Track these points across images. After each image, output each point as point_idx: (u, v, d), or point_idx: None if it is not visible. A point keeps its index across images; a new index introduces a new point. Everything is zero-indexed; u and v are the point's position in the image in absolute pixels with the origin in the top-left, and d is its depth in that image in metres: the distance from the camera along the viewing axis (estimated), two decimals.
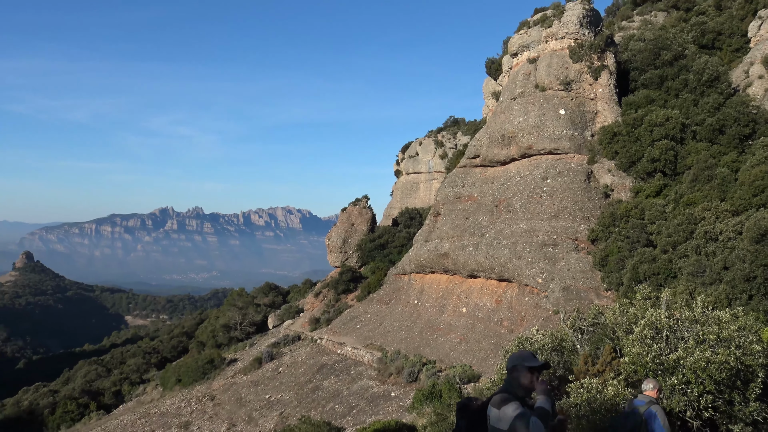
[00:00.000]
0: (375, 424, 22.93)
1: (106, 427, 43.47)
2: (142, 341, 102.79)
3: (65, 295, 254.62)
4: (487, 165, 41.16)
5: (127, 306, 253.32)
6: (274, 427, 32.81)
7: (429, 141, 71.67)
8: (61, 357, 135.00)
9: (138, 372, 67.22)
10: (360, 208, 61.29)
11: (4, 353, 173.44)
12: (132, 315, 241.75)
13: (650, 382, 9.91)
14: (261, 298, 72.02)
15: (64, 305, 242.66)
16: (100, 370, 76.53)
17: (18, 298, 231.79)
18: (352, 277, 54.72)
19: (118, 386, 61.73)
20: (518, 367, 6.77)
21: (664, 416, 9.47)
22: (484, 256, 35.04)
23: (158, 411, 42.57)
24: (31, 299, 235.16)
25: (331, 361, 40.40)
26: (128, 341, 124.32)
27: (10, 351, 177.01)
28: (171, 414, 41.16)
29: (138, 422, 41.44)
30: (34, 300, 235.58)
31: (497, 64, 51.06)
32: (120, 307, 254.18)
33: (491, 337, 32.69)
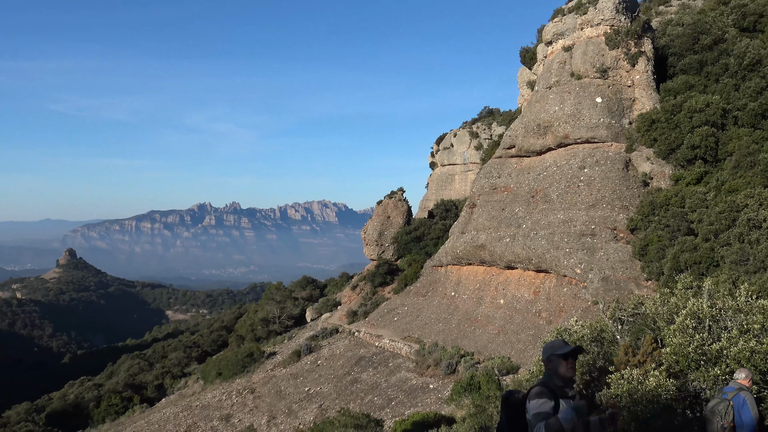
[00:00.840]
0: (414, 416, 22.96)
1: (149, 420, 44.22)
2: (183, 335, 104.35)
3: (107, 291, 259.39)
4: (522, 155, 40.82)
5: (167, 301, 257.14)
6: (313, 420, 33.05)
7: (464, 132, 71.33)
8: (104, 351, 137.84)
9: (179, 366, 68.26)
10: (395, 201, 61.28)
11: (50, 348, 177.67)
12: (172, 310, 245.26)
13: (743, 372, 9.83)
14: (298, 292, 72.55)
15: (107, 301, 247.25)
16: (143, 364, 77.89)
17: (62, 294, 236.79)
18: (389, 269, 54.77)
19: (160, 380, 62.75)
20: (552, 357, 6.74)
21: (753, 403, 9.36)
22: (521, 247, 34.79)
23: (200, 404, 43.18)
24: (74, 295, 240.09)
25: (369, 354, 40.54)
26: (169, 336, 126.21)
27: (56, 346, 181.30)
28: (212, 407, 41.72)
29: (180, 415, 42.09)
30: (77, 296, 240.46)
31: (532, 53, 50.53)
32: (161, 302, 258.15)
33: (529, 328, 32.48)
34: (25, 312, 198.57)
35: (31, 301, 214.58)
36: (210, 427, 38.39)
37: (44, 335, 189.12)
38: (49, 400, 71.81)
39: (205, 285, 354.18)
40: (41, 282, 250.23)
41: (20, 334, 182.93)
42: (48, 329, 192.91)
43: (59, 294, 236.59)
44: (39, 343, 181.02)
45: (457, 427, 17.76)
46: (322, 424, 25.12)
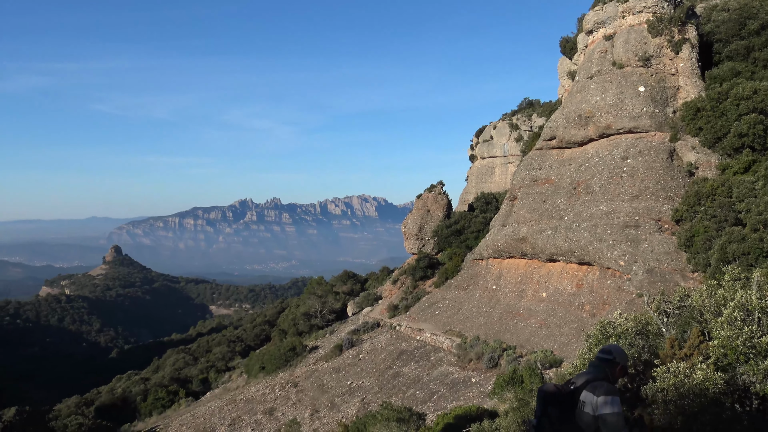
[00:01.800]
0: (456, 410, 22.90)
1: (195, 413, 44.90)
2: (227, 330, 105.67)
3: (152, 286, 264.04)
4: (564, 146, 40.33)
5: (211, 296, 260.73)
6: (356, 413, 33.20)
7: (503, 124, 70.76)
8: (150, 346, 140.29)
9: (223, 360, 69.18)
10: (435, 194, 61.11)
11: (98, 343, 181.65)
12: (216, 305, 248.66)
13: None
14: (340, 286, 72.92)
15: (152, 296, 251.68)
16: (188, 359, 79.14)
17: (109, 290, 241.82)
18: (429, 263, 54.68)
19: (204, 374, 63.68)
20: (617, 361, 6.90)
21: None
22: (563, 239, 34.42)
23: (244, 397, 43.70)
24: (121, 291, 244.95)
25: (410, 348, 40.55)
26: (213, 330, 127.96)
27: (104, 341, 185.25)
28: (256, 400, 42.19)
29: (225, 408, 42.65)
30: (123, 292, 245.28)
31: (572, 42, 49.81)
32: (204, 297, 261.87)
33: (572, 321, 32.12)
34: (74, 308, 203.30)
35: (80, 297, 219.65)
36: (254, 420, 38.83)
37: (92, 330, 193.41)
38: (98, 394, 73.40)
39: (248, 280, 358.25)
40: (89, 278, 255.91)
41: (69, 330, 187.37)
42: (96, 324, 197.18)
43: (106, 290, 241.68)
44: (87, 338, 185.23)
45: (500, 420, 17.65)
46: (364, 417, 25.21)
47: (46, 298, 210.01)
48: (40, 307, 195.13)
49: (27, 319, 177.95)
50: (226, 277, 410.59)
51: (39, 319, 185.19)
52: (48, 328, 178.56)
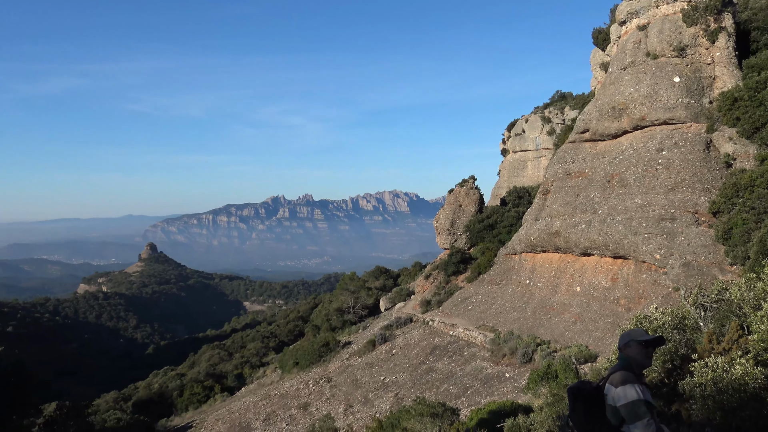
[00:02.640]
0: (490, 405, 22.81)
1: (230, 408, 45.36)
2: (260, 326, 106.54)
3: (187, 283, 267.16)
4: (597, 139, 39.86)
5: (245, 292, 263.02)
6: (390, 408, 33.25)
7: (535, 117, 70.18)
8: (186, 342, 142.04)
9: (258, 355, 69.75)
10: (467, 189, 60.86)
11: (135, 339, 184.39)
12: (250, 301, 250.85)
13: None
14: (372, 282, 73.02)
15: (187, 293, 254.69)
16: (223, 354, 79.93)
17: (145, 287, 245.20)
18: (462, 258, 54.50)
19: (239, 369, 64.25)
20: (630, 343, 6.59)
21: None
22: (597, 233, 34.05)
23: (278, 393, 44.03)
24: (156, 288, 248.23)
25: (443, 343, 40.49)
26: (247, 326, 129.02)
27: (140, 337, 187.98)
28: (290, 395, 42.47)
29: (260, 403, 43.01)
30: (159, 289, 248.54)
31: (604, 33, 49.18)
32: (238, 293, 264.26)
33: (607, 316, 31.78)
34: (111, 305, 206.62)
35: (116, 294, 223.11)
36: (288, 415, 39.10)
37: (129, 327, 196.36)
38: (136, 389, 74.54)
39: (281, 276, 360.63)
40: (125, 276, 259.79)
41: (107, 326, 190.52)
42: (132, 321, 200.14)
43: (142, 287, 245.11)
44: (124, 335, 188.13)
45: (535, 416, 17.54)
46: (398, 412, 25.22)
47: (84, 295, 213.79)
48: (79, 304, 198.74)
49: (66, 316, 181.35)
50: (260, 273, 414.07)
51: (77, 316, 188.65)
52: (86, 325, 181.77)
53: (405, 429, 22.21)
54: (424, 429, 21.25)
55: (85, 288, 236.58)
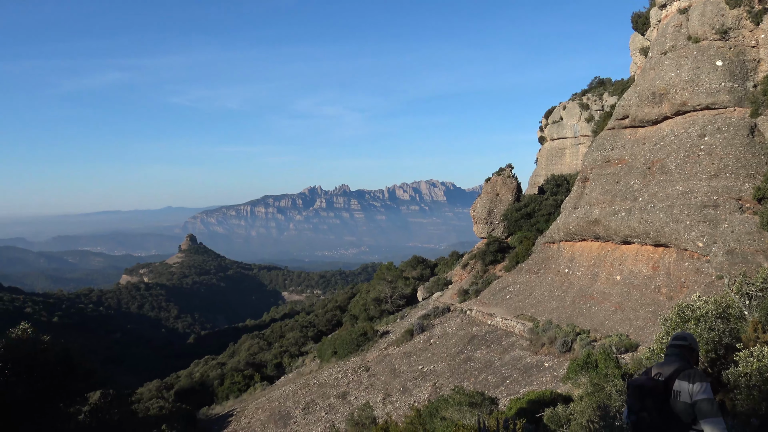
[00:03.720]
0: (529, 395, 22.69)
1: (270, 397, 45.89)
2: (299, 316, 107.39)
3: (227, 273, 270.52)
4: (637, 125, 39.20)
5: (283, 282, 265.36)
6: (428, 397, 33.29)
7: (573, 104, 69.28)
8: (226, 332, 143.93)
9: (296, 345, 70.33)
10: (504, 178, 60.42)
11: (176, 329, 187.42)
12: (288, 291, 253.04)
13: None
14: (409, 272, 73.04)
15: (226, 283, 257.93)
16: (262, 344, 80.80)
17: (185, 278, 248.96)
18: (499, 247, 54.20)
19: (278, 359, 64.90)
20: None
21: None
22: (637, 221, 33.53)
23: (317, 382, 44.39)
24: (196, 279, 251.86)
25: (481, 332, 40.37)
26: (286, 316, 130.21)
27: (181, 327, 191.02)
28: (329, 384, 42.80)
29: (299, 392, 43.44)
30: (199, 279, 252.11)
31: (644, 18, 48.25)
32: (277, 283, 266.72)
33: (648, 304, 31.33)
34: (153, 295, 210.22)
35: (158, 284, 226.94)
36: (327, 404, 39.43)
37: (170, 317, 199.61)
38: (177, 378, 75.79)
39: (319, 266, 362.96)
40: (165, 267, 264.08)
41: (148, 316, 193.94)
42: (173, 311, 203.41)
43: (182, 278, 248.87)
44: (166, 324, 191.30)
45: (575, 405, 17.39)
46: (436, 401, 25.22)
47: (126, 286, 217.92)
48: (121, 295, 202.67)
49: (109, 307, 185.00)
50: (298, 263, 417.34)
51: (120, 306, 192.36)
52: (128, 315, 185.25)
53: (443, 418, 22.21)
54: (462, 418, 21.23)
55: (127, 279, 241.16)
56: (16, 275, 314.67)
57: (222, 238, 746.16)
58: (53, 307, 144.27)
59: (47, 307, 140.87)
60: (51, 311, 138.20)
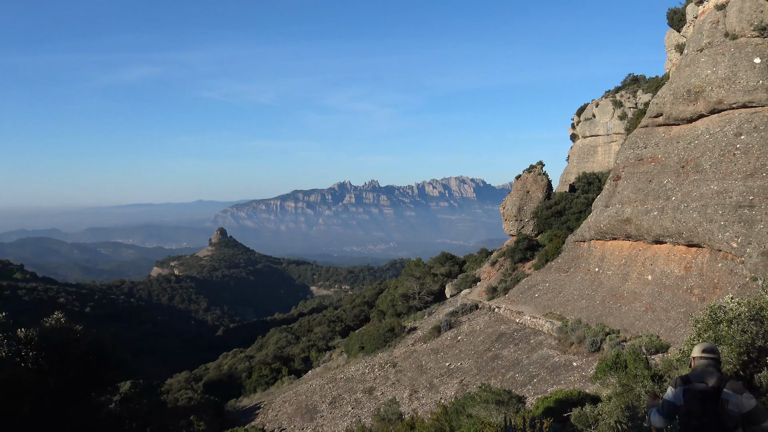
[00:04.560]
0: (557, 394, 22.51)
1: (297, 390, 46.15)
2: (327, 310, 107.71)
3: (256, 267, 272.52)
4: (671, 123, 38.63)
5: (311, 277, 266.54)
6: (454, 395, 33.21)
7: (606, 101, 68.49)
8: (254, 325, 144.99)
9: (324, 339, 70.62)
10: (535, 175, 59.94)
11: (206, 321, 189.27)
12: (316, 285, 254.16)
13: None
14: (437, 268, 72.85)
15: (255, 277, 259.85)
16: (290, 338, 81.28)
17: (215, 271, 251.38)
18: (529, 245, 53.83)
19: (306, 353, 65.24)
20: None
21: None
22: (670, 220, 33.06)
23: (344, 376, 44.53)
24: (226, 272, 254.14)
25: (509, 330, 40.15)
26: (314, 310, 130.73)
27: (211, 319, 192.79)
28: (356, 379, 42.91)
29: (326, 387, 43.61)
30: (228, 272, 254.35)
31: (680, 14, 47.54)
32: (305, 278, 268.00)
33: (680, 305, 30.89)
34: (183, 287, 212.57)
35: (188, 277, 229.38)
36: (354, 399, 39.54)
37: (200, 309, 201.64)
38: (206, 370, 76.57)
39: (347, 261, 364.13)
40: (196, 259, 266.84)
41: (178, 308, 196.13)
42: (203, 303, 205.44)
43: (212, 270, 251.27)
44: (195, 317, 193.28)
45: (603, 406, 17.19)
46: (463, 399, 25.14)
47: (157, 278, 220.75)
48: (152, 287, 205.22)
49: (140, 298, 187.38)
50: (326, 258, 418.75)
51: (151, 298, 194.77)
52: (159, 307, 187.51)
53: (470, 415, 22.13)
54: (489, 416, 21.14)
55: (158, 271, 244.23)
56: (50, 265, 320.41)
57: (252, 232, 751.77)
58: (86, 298, 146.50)
59: (80, 298, 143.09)
60: (84, 302, 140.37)
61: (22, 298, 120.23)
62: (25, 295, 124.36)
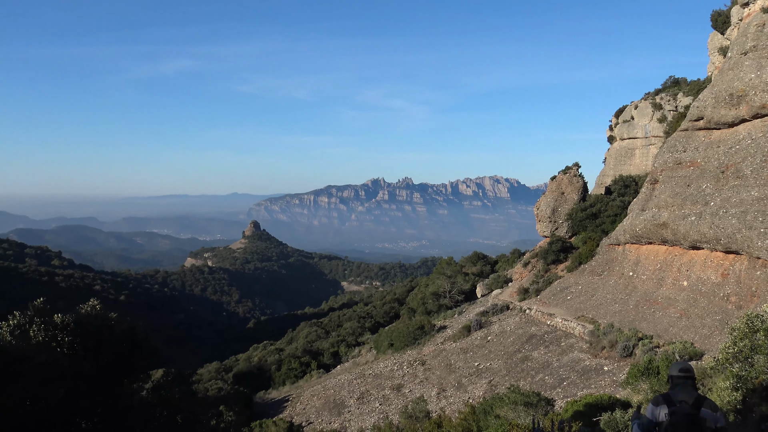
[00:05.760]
0: (587, 398, 22.28)
1: (325, 385, 46.36)
2: (357, 306, 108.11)
3: (288, 261, 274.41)
4: (712, 127, 37.93)
5: (342, 272, 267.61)
6: (483, 395, 33.07)
7: (646, 104, 67.55)
8: (285, 318, 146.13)
9: (353, 335, 70.83)
10: (570, 176, 59.36)
11: (237, 313, 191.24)
12: (347, 281, 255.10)
13: None
14: (469, 267, 72.61)
15: (287, 271, 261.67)
16: (320, 332, 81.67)
17: (248, 264, 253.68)
18: (562, 247, 53.35)
19: (335, 347, 65.48)
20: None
21: None
22: (708, 226, 32.48)
23: (372, 372, 44.62)
24: (258, 265, 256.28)
25: (540, 332, 39.85)
26: (344, 306, 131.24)
27: (242, 311, 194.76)
28: (384, 376, 42.96)
29: (354, 382, 43.74)
30: (261, 265, 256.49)
31: (724, 16, 46.68)
32: (336, 273, 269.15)
33: (716, 313, 30.34)
34: (215, 279, 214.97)
35: (221, 269, 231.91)
36: (382, 395, 39.59)
37: (231, 301, 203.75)
38: (236, 361, 77.34)
39: (378, 258, 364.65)
40: (229, 251, 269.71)
41: (211, 299, 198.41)
42: (235, 295, 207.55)
43: (245, 263, 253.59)
44: (227, 308, 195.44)
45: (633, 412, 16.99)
46: (491, 399, 25.03)
47: (191, 268, 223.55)
48: (185, 277, 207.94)
49: (174, 288, 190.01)
50: (358, 254, 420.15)
51: (184, 288, 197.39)
52: (192, 297, 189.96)
53: (498, 416, 22.02)
54: (517, 417, 21.01)
55: (192, 262, 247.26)
56: (87, 253, 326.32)
57: (285, 226, 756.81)
58: (121, 286, 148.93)
59: (115, 286, 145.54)
60: (118, 290, 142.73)
61: (59, 285, 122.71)
62: (62, 281, 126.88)
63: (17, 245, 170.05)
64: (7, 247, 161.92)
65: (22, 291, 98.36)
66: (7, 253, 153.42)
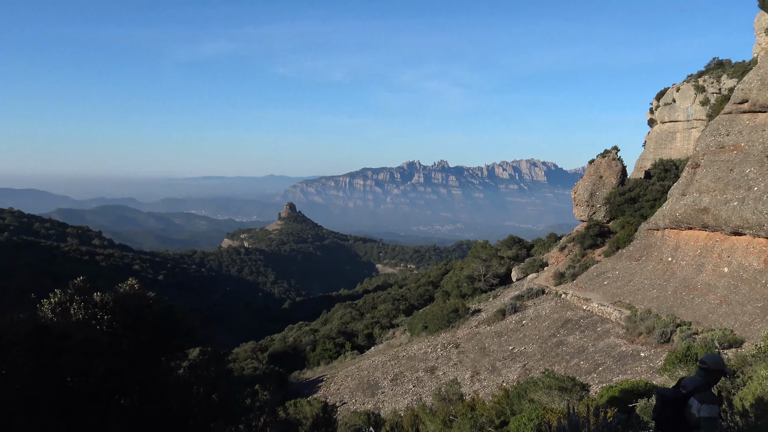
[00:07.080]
0: (622, 384, 22.05)
1: (359, 366, 46.63)
2: (391, 288, 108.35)
3: (323, 243, 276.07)
4: (757, 111, 37.00)
5: (377, 255, 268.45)
6: (517, 379, 32.96)
7: (688, 86, 66.14)
8: (320, 299, 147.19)
9: (388, 317, 71.06)
10: (609, 160, 58.51)
11: (273, 294, 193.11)
12: (382, 263, 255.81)
13: None
14: (504, 251, 72.19)
15: (322, 252, 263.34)
16: (354, 314, 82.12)
17: (283, 245, 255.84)
18: (599, 231, 52.72)
19: (369, 329, 65.78)
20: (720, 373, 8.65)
21: None
22: (751, 211, 31.79)
23: (406, 354, 44.75)
24: (294, 246, 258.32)
25: (575, 317, 39.52)
26: (379, 288, 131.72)
27: (278, 292, 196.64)
28: (418, 358, 43.06)
29: (388, 363, 43.93)
30: (296, 247, 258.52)
31: None
32: (371, 255, 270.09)
33: (757, 300, 29.75)
34: (252, 260, 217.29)
35: (257, 250, 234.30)
36: (415, 377, 39.70)
37: (267, 281, 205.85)
38: (271, 341, 78.17)
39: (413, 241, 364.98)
40: (265, 233, 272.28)
41: (247, 280, 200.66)
42: (271, 276, 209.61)
43: (281, 244, 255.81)
44: (263, 289, 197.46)
45: None
46: (525, 383, 24.92)
47: (228, 249, 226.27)
48: (222, 258, 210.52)
49: (210, 269, 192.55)
50: (392, 237, 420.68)
51: (221, 269, 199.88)
52: (228, 278, 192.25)
53: (532, 400, 21.94)
54: (551, 402, 20.91)
55: (229, 243, 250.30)
56: (126, 233, 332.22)
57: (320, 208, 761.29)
58: (159, 266, 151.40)
59: (153, 266, 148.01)
60: (157, 269, 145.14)
61: (99, 264, 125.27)
62: (103, 260, 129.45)
63: (59, 225, 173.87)
64: (49, 226, 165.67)
65: (63, 269, 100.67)
66: (50, 233, 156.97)
